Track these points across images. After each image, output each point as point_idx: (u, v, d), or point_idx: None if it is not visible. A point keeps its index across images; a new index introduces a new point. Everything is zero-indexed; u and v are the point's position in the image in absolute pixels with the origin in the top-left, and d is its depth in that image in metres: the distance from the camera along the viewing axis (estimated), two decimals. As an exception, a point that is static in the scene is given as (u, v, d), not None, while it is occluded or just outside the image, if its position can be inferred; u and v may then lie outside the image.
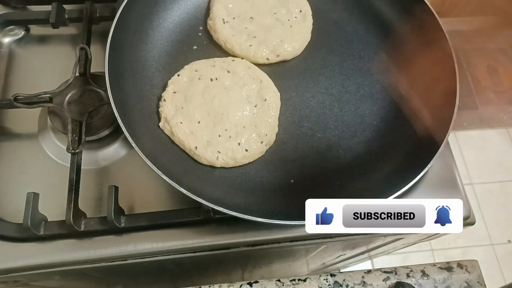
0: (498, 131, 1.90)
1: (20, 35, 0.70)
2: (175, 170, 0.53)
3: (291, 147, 0.59)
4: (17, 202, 0.53)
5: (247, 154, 0.56)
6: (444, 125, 0.55)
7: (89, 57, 0.61)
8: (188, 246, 0.55)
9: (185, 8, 0.68)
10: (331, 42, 0.67)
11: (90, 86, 0.60)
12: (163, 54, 0.64)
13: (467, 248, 1.68)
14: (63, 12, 0.67)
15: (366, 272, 0.53)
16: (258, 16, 0.67)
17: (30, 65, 0.67)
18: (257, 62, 0.64)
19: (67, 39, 0.70)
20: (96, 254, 0.53)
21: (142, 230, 0.54)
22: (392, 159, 0.58)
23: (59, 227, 0.53)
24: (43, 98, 0.58)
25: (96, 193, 0.58)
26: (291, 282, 0.52)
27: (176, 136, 0.57)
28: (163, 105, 0.59)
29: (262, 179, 0.57)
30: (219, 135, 0.57)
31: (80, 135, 0.56)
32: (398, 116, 0.62)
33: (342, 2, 0.70)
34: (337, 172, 0.58)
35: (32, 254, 0.53)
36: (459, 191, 0.60)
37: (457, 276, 0.53)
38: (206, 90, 0.60)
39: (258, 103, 0.60)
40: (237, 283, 0.52)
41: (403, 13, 0.68)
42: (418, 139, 0.58)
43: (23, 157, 0.60)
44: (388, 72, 0.65)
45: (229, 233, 0.55)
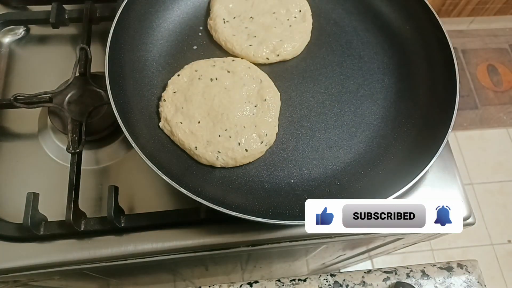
0: (498, 131, 1.90)
1: (20, 35, 0.70)
2: (175, 170, 0.53)
3: (291, 147, 0.59)
4: (17, 202, 0.53)
5: (247, 154, 0.56)
6: (444, 125, 0.55)
7: (89, 57, 0.61)
8: (188, 246, 0.55)
9: (185, 8, 0.68)
10: (331, 42, 0.67)
11: (90, 86, 0.60)
12: (163, 54, 0.64)
13: (467, 248, 1.68)
14: (63, 12, 0.67)
15: (366, 272, 0.53)
16: (258, 16, 0.67)
17: (30, 65, 0.67)
18: (257, 62, 0.64)
19: (67, 39, 0.70)
20: (96, 254, 0.53)
21: (142, 230, 0.54)
22: (392, 159, 0.58)
23: (59, 227, 0.53)
24: (43, 98, 0.58)
25: (96, 193, 0.58)
26: (291, 282, 0.52)
27: (176, 136, 0.57)
28: (163, 105, 0.59)
29: (262, 179, 0.57)
30: (219, 135, 0.57)
31: (80, 135, 0.56)
32: (398, 116, 0.62)
33: (342, 2, 0.70)
34: (337, 172, 0.58)
35: (32, 254, 0.53)
36: (459, 191, 0.60)
37: (457, 276, 0.53)
38: (206, 90, 0.60)
39: (258, 103, 0.60)
40: (237, 283, 0.52)
41: (403, 13, 0.68)
42: (418, 139, 0.58)
43: (23, 157, 0.60)
44: (388, 72, 0.65)
45: (229, 233, 0.55)
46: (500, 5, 1.89)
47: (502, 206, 1.76)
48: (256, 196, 0.55)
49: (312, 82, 0.64)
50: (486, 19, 2.00)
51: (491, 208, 1.75)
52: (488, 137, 1.89)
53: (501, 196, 1.77)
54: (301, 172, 0.57)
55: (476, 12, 1.93)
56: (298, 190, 0.56)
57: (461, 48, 2.05)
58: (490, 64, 2.03)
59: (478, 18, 1.99)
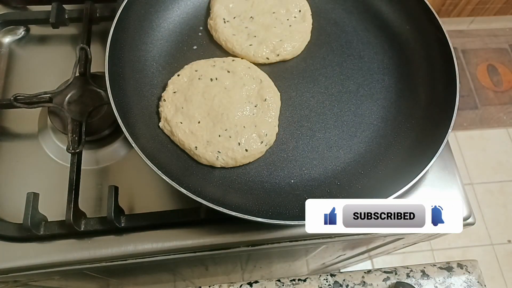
0: (498, 131, 1.90)
1: (20, 35, 0.70)
2: (175, 170, 0.53)
3: (291, 147, 0.59)
4: (17, 202, 0.53)
5: (247, 154, 0.56)
6: (444, 125, 0.55)
7: (89, 57, 0.61)
8: (188, 246, 0.55)
9: (185, 8, 0.68)
10: (331, 42, 0.67)
11: (90, 86, 0.60)
12: (163, 54, 0.64)
13: (467, 248, 1.68)
14: (63, 12, 0.67)
15: (366, 272, 0.53)
16: (258, 16, 0.67)
17: (30, 65, 0.67)
18: (257, 62, 0.64)
19: (67, 39, 0.70)
20: (96, 254, 0.53)
21: (142, 230, 0.54)
22: (392, 159, 0.58)
23: (59, 227, 0.53)
24: (43, 98, 0.58)
25: (96, 193, 0.58)
26: (291, 282, 0.52)
27: (176, 136, 0.57)
28: (163, 105, 0.59)
29: (262, 179, 0.57)
30: (219, 135, 0.57)
31: (80, 135, 0.56)
32: (398, 116, 0.62)
33: (342, 2, 0.70)
34: (337, 172, 0.58)
35: (32, 254, 0.53)
36: (459, 191, 0.60)
37: (457, 276, 0.53)
38: (206, 90, 0.60)
39: (258, 103, 0.60)
40: (237, 283, 0.52)
41: (403, 13, 0.68)
42: (418, 139, 0.58)
43: (23, 157, 0.60)
44: (388, 72, 0.65)
45: (229, 233, 0.55)
46: (500, 5, 1.89)
47: (502, 206, 1.76)
48: (256, 196, 0.55)
49: (312, 82, 0.64)
50: (486, 19, 2.00)
51: (491, 208, 1.75)
52: (488, 137, 1.89)
53: (501, 196, 1.77)
54: (301, 172, 0.57)
55: (476, 12, 1.93)
56: (298, 190, 0.56)
57: (461, 48, 2.05)
58: (490, 64, 2.03)
59: (478, 18, 1.99)
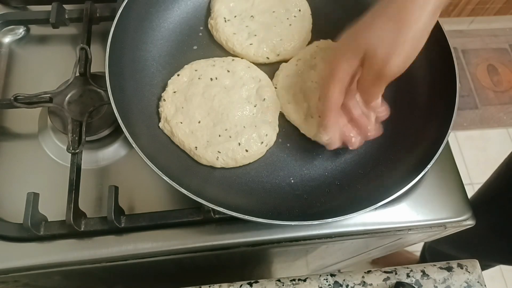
0: (498, 131, 1.90)
1: (20, 35, 0.70)
2: (175, 170, 0.53)
3: (291, 147, 0.59)
4: (17, 202, 0.53)
5: (247, 155, 0.56)
6: (444, 125, 0.55)
7: (89, 57, 0.61)
8: (188, 246, 0.55)
9: (185, 8, 0.68)
10: (331, 42, 0.67)
11: (90, 86, 0.60)
12: (163, 54, 0.64)
13: (467, 248, 1.68)
14: (63, 12, 0.67)
15: (366, 272, 0.53)
16: (258, 15, 0.67)
17: (30, 65, 0.67)
18: (257, 62, 0.64)
19: (67, 39, 0.70)
20: (96, 254, 0.53)
21: (142, 230, 0.54)
22: (392, 159, 0.58)
23: (59, 227, 0.53)
24: (43, 98, 0.58)
25: (96, 193, 0.58)
26: (291, 282, 0.52)
27: (176, 136, 0.57)
28: (163, 105, 0.59)
29: (262, 179, 0.57)
30: (219, 135, 0.57)
31: (80, 135, 0.56)
32: (398, 116, 0.62)
33: (342, 2, 0.70)
34: (337, 172, 0.58)
35: (32, 254, 0.53)
36: (459, 191, 0.60)
37: (457, 276, 0.53)
38: (206, 90, 0.59)
39: (258, 103, 0.60)
40: (237, 283, 0.52)
41: (403, 13, 0.67)
42: (418, 139, 0.58)
43: (23, 157, 0.60)
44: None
45: (229, 233, 0.55)
46: (500, 5, 1.89)
47: (502, 206, 1.75)
48: (256, 197, 0.55)
49: (312, 82, 0.64)
50: (486, 19, 2.00)
51: (491, 208, 1.74)
52: (488, 137, 1.89)
53: (501, 196, 1.77)
54: (301, 172, 0.57)
55: (476, 12, 1.93)
56: (298, 190, 0.56)
57: (461, 48, 2.05)
58: (490, 64, 2.03)
59: (478, 18, 1.99)
